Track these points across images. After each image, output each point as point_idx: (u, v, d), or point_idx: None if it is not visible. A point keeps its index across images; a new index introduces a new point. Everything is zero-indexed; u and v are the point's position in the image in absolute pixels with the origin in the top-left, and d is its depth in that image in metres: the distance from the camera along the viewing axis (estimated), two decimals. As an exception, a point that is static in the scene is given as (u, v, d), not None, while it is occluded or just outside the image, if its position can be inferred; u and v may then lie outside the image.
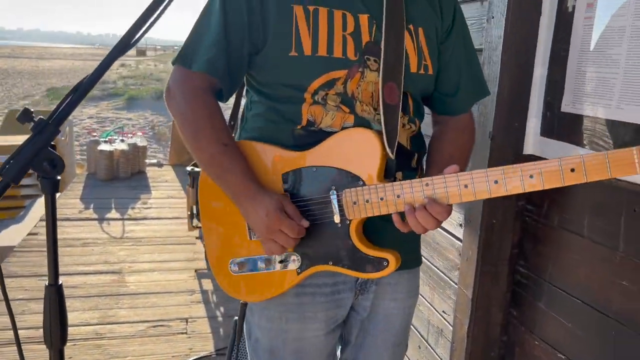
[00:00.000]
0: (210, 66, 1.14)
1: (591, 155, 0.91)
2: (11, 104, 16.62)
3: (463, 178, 1.01)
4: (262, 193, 1.13)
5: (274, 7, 1.12)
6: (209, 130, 1.16)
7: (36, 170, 0.88)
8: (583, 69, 1.45)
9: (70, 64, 43.22)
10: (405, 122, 1.21)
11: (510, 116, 1.60)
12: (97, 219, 4.80)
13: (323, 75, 1.13)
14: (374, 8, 1.15)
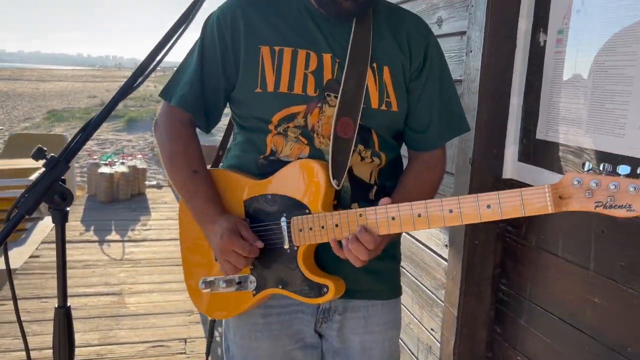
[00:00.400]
0: (184, 102, 1.28)
1: (506, 192, 0.99)
2: (12, 126, 16.75)
3: (391, 210, 1.09)
4: (221, 216, 1.24)
5: (244, 48, 1.24)
6: (182, 158, 1.31)
7: (48, 202, 0.97)
8: (554, 99, 1.55)
9: (70, 85, 43.57)
10: (367, 156, 1.27)
11: (489, 143, 1.70)
12: (98, 241, 4.87)
13: (283, 110, 1.23)
14: (339, 48, 1.24)
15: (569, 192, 0.95)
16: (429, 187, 1.34)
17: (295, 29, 1.25)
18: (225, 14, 1.26)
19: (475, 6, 1.66)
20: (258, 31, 1.24)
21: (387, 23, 1.29)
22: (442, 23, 1.93)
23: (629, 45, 1.30)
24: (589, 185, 0.93)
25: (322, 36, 1.24)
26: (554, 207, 0.96)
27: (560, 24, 1.52)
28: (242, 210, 1.28)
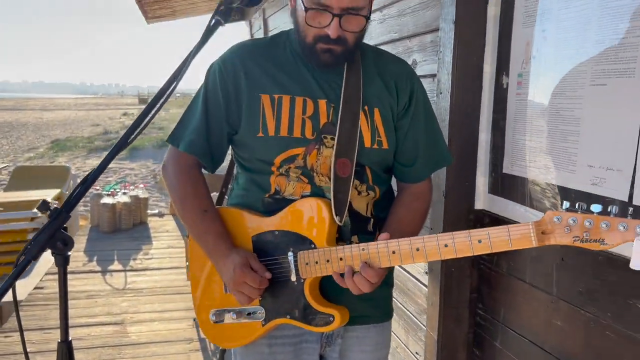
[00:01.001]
0: (192, 147, 1.39)
1: (496, 229, 1.11)
2: (16, 156, 16.96)
3: (391, 245, 1.21)
4: (232, 251, 1.35)
5: (246, 96, 1.36)
6: (192, 199, 1.42)
7: (51, 248, 1.10)
8: (517, 137, 1.69)
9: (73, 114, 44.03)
10: (363, 190, 1.39)
11: (461, 176, 1.83)
12: (101, 271, 4.98)
13: (284, 152, 1.35)
14: (333, 94, 1.36)
15: (550, 228, 1.07)
16: (418, 217, 1.45)
17: (292, 78, 1.36)
18: (227, 64, 1.38)
19: (443, 52, 1.80)
20: (258, 80, 1.36)
21: (375, 67, 1.41)
22: (417, 65, 2.08)
23: (575, 90, 1.43)
24: (567, 222, 1.05)
25: (317, 83, 1.36)
26: (538, 242, 1.08)
27: (520, 68, 1.66)
28: (251, 245, 1.38)
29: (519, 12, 1.65)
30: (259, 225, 1.37)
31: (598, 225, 1.01)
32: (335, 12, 1.22)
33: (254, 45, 1.44)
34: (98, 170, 1.14)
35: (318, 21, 1.25)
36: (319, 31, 1.27)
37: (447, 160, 1.50)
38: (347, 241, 1.36)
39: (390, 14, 2.30)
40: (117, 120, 30.66)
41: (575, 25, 1.44)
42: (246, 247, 1.38)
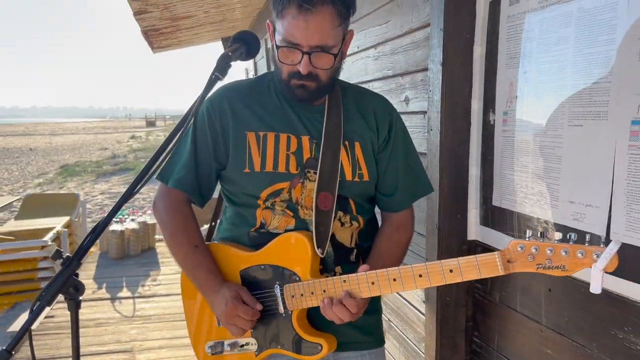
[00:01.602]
0: (180, 184, 1.47)
1: (465, 258, 1.19)
2: (26, 182, 17.18)
3: (370, 276, 1.28)
4: (223, 285, 1.42)
5: (232, 134, 1.44)
6: (182, 235, 1.49)
7: (64, 294, 1.18)
8: (505, 172, 1.76)
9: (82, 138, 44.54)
10: (347, 220, 1.46)
11: (453, 209, 1.90)
12: (110, 299, 5.06)
13: (270, 186, 1.42)
14: (315, 130, 1.44)
15: (515, 256, 1.15)
16: (399, 248, 1.53)
17: (276, 116, 1.45)
18: (214, 104, 1.46)
19: (432, 91, 1.89)
20: (244, 119, 1.45)
21: (355, 104, 1.50)
22: (409, 102, 2.17)
23: (556, 129, 1.51)
24: (530, 250, 1.13)
25: (300, 121, 1.44)
26: (504, 269, 1.16)
27: (505, 106, 1.75)
28: (239, 279, 1.46)
29: (503, 53, 1.74)
30: (246, 260, 1.45)
31: (558, 252, 1.08)
32: (304, 50, 1.30)
33: (240, 86, 1.52)
34: (108, 218, 1.23)
35: (290, 59, 1.34)
36: (291, 68, 1.35)
37: (427, 189, 1.57)
38: (331, 272, 1.43)
39: (384, 52, 2.40)
40: (125, 143, 31.00)
41: (553, 69, 1.52)
42: (235, 281, 1.46)
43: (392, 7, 2.28)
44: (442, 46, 1.81)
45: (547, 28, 1.53)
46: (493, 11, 1.77)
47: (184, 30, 5.85)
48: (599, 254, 1.05)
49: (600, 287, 1.05)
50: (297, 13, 1.26)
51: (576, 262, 1.08)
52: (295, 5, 1.26)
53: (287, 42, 1.31)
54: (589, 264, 1.07)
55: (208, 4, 4.86)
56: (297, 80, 1.35)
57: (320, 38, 1.29)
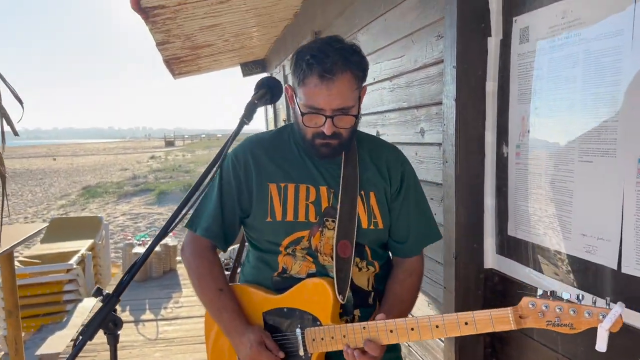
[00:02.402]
0: (207, 232, 1.57)
1: (480, 313, 1.25)
2: (49, 204, 17.53)
3: (389, 324, 1.33)
4: (247, 329, 1.48)
5: (255, 185, 1.53)
6: (209, 280, 1.57)
7: (104, 329, 1.27)
8: (519, 203, 1.82)
9: (102, 159, 45.31)
10: (363, 266, 1.53)
11: (469, 238, 1.96)
12: (134, 321, 5.16)
13: (291, 235, 1.50)
14: (333, 181, 1.52)
15: (526, 312, 1.21)
16: (411, 293, 1.59)
17: (295, 167, 1.54)
18: (239, 157, 1.57)
19: (447, 125, 1.97)
20: (266, 171, 1.54)
21: (369, 155, 1.58)
22: (424, 134, 2.25)
23: (567, 164, 1.58)
24: (540, 308, 1.18)
25: (318, 172, 1.53)
26: (516, 325, 1.22)
27: (518, 140, 1.81)
28: (262, 321, 1.52)
29: (514, 89, 1.81)
30: (269, 303, 1.51)
31: (567, 311, 1.15)
32: (327, 114, 1.39)
33: (262, 139, 1.61)
34: (143, 258, 1.32)
35: (314, 122, 1.42)
36: (315, 130, 1.44)
37: (436, 236, 1.64)
38: (350, 315, 1.50)
39: (399, 84, 2.49)
40: (144, 164, 31.45)
41: (562, 106, 1.59)
42: (257, 323, 1.53)
43: (407, 42, 2.37)
44: (455, 82, 1.88)
45: (556, 67, 1.61)
46: (504, 49, 1.85)
47: (204, 57, 6.02)
48: (605, 315, 1.11)
49: (605, 346, 1.11)
50: (319, 82, 1.36)
51: (583, 322, 1.14)
52: (317, 75, 1.35)
53: (310, 108, 1.40)
54: (595, 323, 1.12)
55: (228, 33, 5.01)
56: (321, 139, 1.44)
57: (341, 102, 1.38)
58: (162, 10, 3.76)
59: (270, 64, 7.32)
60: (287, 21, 5.32)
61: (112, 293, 1.28)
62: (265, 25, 5.26)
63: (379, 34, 2.69)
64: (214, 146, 43.83)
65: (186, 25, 4.38)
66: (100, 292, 1.28)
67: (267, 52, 7.28)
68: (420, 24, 2.23)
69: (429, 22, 2.16)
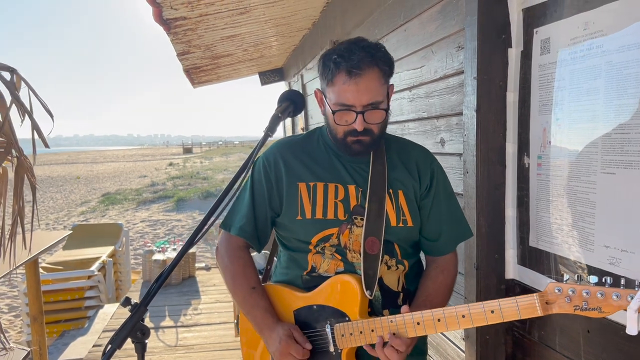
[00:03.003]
0: (241, 231, 1.62)
1: (505, 300, 1.25)
2: (70, 211, 17.78)
3: (416, 316, 1.36)
4: (278, 325, 1.53)
5: (285, 185, 1.58)
6: (242, 278, 1.63)
7: (132, 337, 1.30)
8: (541, 214, 1.82)
9: (122, 166, 45.86)
10: (393, 264, 1.56)
11: (490, 249, 1.96)
12: (154, 328, 5.21)
13: (320, 232, 1.54)
14: (361, 180, 1.56)
15: (553, 298, 1.21)
16: (444, 290, 1.60)
17: (324, 167, 1.58)
18: (269, 159, 1.62)
19: (467, 135, 1.97)
20: (295, 171, 1.58)
21: (398, 155, 1.61)
22: (445, 144, 2.26)
23: (589, 175, 1.57)
24: (567, 292, 1.19)
25: (346, 171, 1.57)
26: (542, 311, 1.22)
27: (539, 150, 1.81)
28: (293, 318, 1.57)
29: (535, 100, 1.81)
30: (299, 300, 1.56)
31: (594, 294, 1.14)
32: (358, 110, 1.43)
33: (291, 142, 1.67)
34: (169, 269, 1.35)
35: (345, 119, 1.46)
36: (347, 127, 1.47)
37: (468, 234, 1.66)
38: (379, 315, 1.52)
39: (419, 94, 2.50)
40: (163, 171, 31.77)
41: (584, 117, 1.59)
42: (289, 319, 1.57)
43: (427, 53, 2.39)
44: (476, 94, 1.89)
45: (578, 79, 1.61)
46: (524, 60, 1.86)
47: (223, 67, 6.09)
48: (633, 296, 1.10)
49: (635, 328, 1.10)
50: (348, 78, 1.40)
51: (612, 305, 1.13)
52: (344, 72, 1.40)
53: (341, 105, 1.44)
54: (624, 306, 1.12)
55: (247, 43, 5.07)
56: (353, 137, 1.48)
57: (370, 97, 1.42)
58: (183, 21, 3.83)
59: (288, 73, 7.38)
60: (306, 31, 5.37)
61: (140, 302, 1.31)
62: (284, 34, 5.31)
63: (398, 44, 2.71)
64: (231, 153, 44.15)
65: (207, 35, 4.45)
66: (129, 302, 1.31)
67: (285, 61, 7.34)
68: (440, 35, 2.25)
69: (449, 33, 2.17)
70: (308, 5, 4.32)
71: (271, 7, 4.08)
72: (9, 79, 1.57)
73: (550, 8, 1.72)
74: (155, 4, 3.33)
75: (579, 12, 1.60)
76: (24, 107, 1.58)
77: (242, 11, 3.99)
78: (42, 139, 1.60)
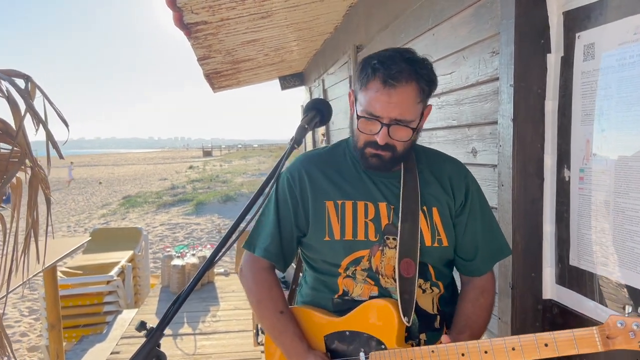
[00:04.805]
0: (266, 252, 1.52)
1: (560, 333, 1.14)
2: (91, 213, 17.96)
3: (460, 348, 1.24)
4: (308, 352, 1.43)
5: (311, 203, 1.48)
6: (269, 302, 1.52)
7: (148, 364, 1.21)
8: (583, 231, 1.70)
9: (142, 169, 46.33)
10: (427, 287, 1.46)
11: (527, 267, 1.84)
12: (172, 335, 5.16)
13: (350, 255, 1.44)
14: (392, 196, 1.46)
15: (615, 332, 1.09)
16: (485, 312, 1.50)
17: (353, 184, 1.48)
18: (294, 175, 1.52)
19: (503, 146, 1.86)
20: (322, 188, 1.48)
21: (430, 169, 1.51)
22: (477, 154, 2.14)
23: (639, 192, 1.45)
24: (631, 327, 1.07)
25: (376, 188, 1.46)
26: (603, 346, 1.10)
27: (581, 163, 1.69)
28: (323, 344, 1.46)
29: (577, 110, 1.69)
30: (330, 325, 1.45)
31: None
32: (384, 122, 1.33)
33: (316, 156, 1.57)
34: (188, 291, 1.26)
35: (369, 129, 1.37)
36: (369, 137, 1.38)
37: (507, 251, 1.56)
38: (415, 340, 1.42)
39: (449, 102, 2.39)
40: (183, 174, 31.99)
41: (634, 129, 1.47)
42: (318, 346, 1.46)
43: (458, 58, 2.28)
44: (513, 102, 1.78)
45: (627, 87, 1.49)
46: (565, 66, 1.74)
47: (244, 71, 6.04)
48: None
49: None
50: (382, 87, 1.31)
51: None
52: (380, 80, 1.31)
53: (367, 114, 1.35)
54: None
55: (268, 47, 5.00)
56: (372, 149, 1.39)
57: (401, 112, 1.32)
58: (204, 26, 3.77)
59: (309, 77, 7.30)
60: (328, 35, 5.28)
61: (156, 327, 1.23)
62: (305, 39, 5.24)
63: (426, 49, 2.60)
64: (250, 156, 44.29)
65: (227, 40, 4.39)
66: (144, 327, 1.22)
67: (306, 66, 7.27)
68: (472, 40, 2.14)
69: (483, 37, 2.06)
70: (330, 9, 4.24)
71: (293, 12, 4.01)
72: (23, 87, 1.51)
73: (595, 11, 1.60)
74: (176, 9, 3.27)
75: (628, 15, 1.48)
76: (38, 117, 1.51)
77: (263, 15, 3.92)
78: (56, 149, 1.53)
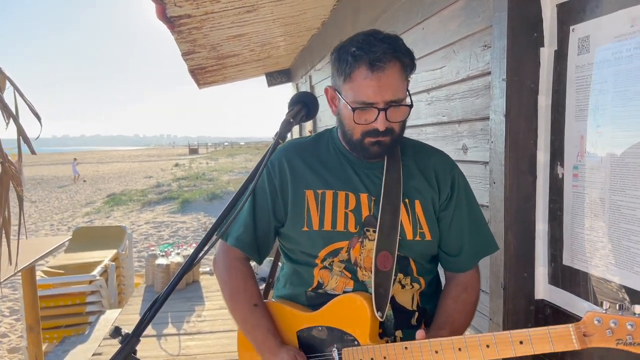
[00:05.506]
0: (238, 242, 1.46)
1: (536, 330, 1.09)
2: (74, 212, 17.70)
3: (434, 344, 1.19)
4: (281, 348, 1.38)
5: (291, 192, 1.43)
6: (242, 294, 1.47)
7: (123, 373, 1.14)
8: (577, 230, 1.65)
9: (127, 166, 45.89)
10: (407, 283, 1.41)
11: (519, 267, 1.79)
12: (156, 336, 5.06)
13: (328, 246, 1.39)
14: (374, 188, 1.41)
15: (591, 330, 1.05)
16: (468, 309, 1.45)
17: (334, 173, 1.43)
18: (274, 164, 1.46)
19: (495, 142, 1.81)
20: (303, 177, 1.43)
21: (415, 161, 1.46)
22: (467, 151, 2.09)
23: (636, 189, 1.40)
24: (608, 324, 1.02)
25: (358, 178, 1.41)
26: (579, 344, 1.06)
27: (575, 160, 1.65)
28: (296, 340, 1.42)
29: (571, 105, 1.65)
30: (303, 320, 1.41)
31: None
32: (380, 107, 1.29)
33: (299, 144, 1.52)
34: (165, 295, 1.19)
35: (365, 118, 1.32)
36: (366, 127, 1.33)
37: (493, 247, 1.51)
38: (391, 337, 1.38)
39: (438, 97, 2.34)
40: (168, 171, 31.68)
41: (631, 125, 1.42)
42: (291, 341, 1.42)
43: (448, 53, 2.22)
44: (505, 97, 1.73)
45: (624, 81, 1.44)
46: (559, 60, 1.69)
47: (229, 67, 5.95)
48: None
49: None
50: (370, 73, 1.26)
51: None
52: (366, 66, 1.26)
53: (361, 103, 1.30)
54: None
55: (254, 42, 4.92)
56: (372, 138, 1.34)
57: (393, 93, 1.29)
58: (188, 19, 3.68)
59: (296, 74, 7.22)
60: (315, 30, 5.21)
61: (132, 333, 1.16)
62: (291, 34, 5.16)
63: (415, 44, 2.55)
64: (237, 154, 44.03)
65: (212, 35, 4.30)
66: (119, 332, 1.15)
67: (293, 62, 7.19)
68: (463, 33, 2.08)
69: (474, 31, 2.00)
70: (317, 4, 4.17)
71: (279, 6, 3.93)
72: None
73: (590, 3, 1.55)
74: (158, 1, 3.18)
75: (625, 7, 1.43)
76: (8, 110, 1.42)
77: (249, 9, 3.84)
78: (28, 144, 1.44)
